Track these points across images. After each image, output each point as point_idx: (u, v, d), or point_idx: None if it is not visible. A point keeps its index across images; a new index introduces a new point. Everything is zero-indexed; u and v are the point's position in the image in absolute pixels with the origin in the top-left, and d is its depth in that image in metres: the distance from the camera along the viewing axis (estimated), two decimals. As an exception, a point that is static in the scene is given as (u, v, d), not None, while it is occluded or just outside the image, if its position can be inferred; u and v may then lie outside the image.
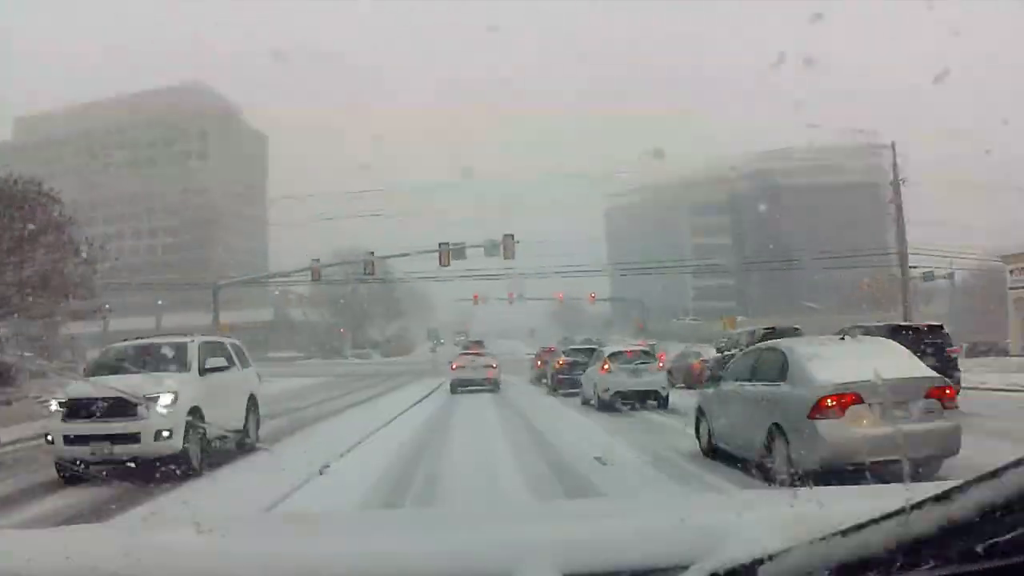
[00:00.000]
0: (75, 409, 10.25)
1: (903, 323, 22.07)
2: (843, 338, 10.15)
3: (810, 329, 24.38)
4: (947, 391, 8.51)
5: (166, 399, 10.33)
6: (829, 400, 8.03)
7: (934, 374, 8.86)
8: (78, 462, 10.02)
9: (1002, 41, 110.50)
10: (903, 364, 8.64)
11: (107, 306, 37.54)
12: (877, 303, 55.31)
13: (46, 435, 10.63)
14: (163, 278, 73.35)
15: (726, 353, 23.81)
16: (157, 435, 10.19)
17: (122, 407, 10.02)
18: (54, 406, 10.56)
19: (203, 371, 11.39)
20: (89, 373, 12.57)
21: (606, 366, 20.62)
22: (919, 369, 8.73)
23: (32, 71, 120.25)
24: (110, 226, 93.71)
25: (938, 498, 1.48)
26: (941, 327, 18.57)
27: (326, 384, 35.97)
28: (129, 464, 9.51)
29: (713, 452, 10.65)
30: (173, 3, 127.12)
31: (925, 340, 15.89)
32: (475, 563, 2.16)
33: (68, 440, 10.22)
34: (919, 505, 1.51)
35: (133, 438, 10.07)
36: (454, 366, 31.15)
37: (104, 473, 9.80)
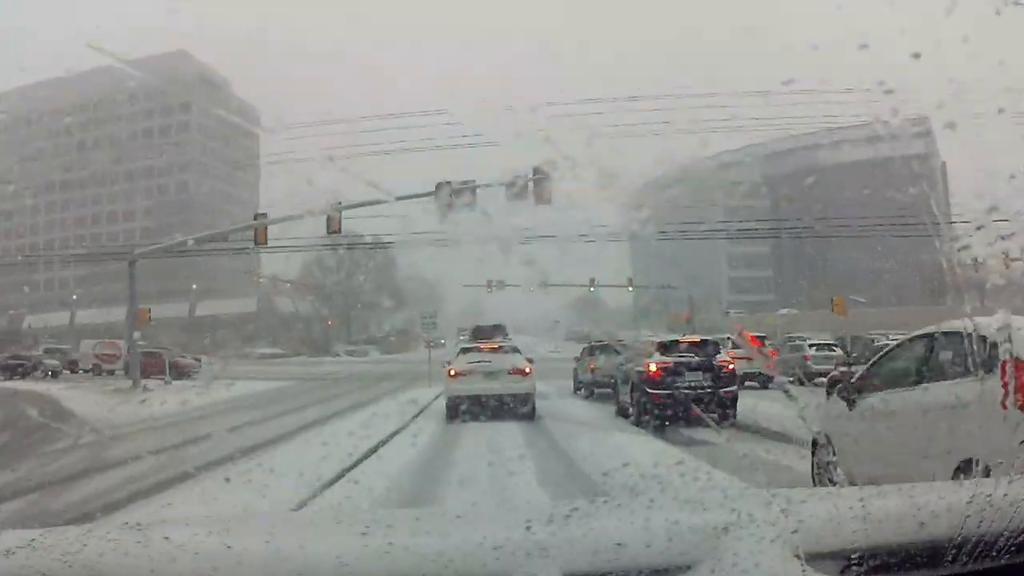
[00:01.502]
0: None
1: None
2: None
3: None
4: None
5: None
6: None
7: None
8: None
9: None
10: None
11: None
12: (934, 295, 49.61)
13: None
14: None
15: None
16: None
17: None
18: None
19: None
20: None
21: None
22: None
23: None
24: (84, 209, 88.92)
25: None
26: None
27: (280, 393, 30.81)
28: None
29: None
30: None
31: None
32: (475, 563, 2.29)
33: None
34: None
35: None
36: (453, 372, 19.66)
37: None
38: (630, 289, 56.00)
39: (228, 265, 60.40)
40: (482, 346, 22.18)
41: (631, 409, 17.19)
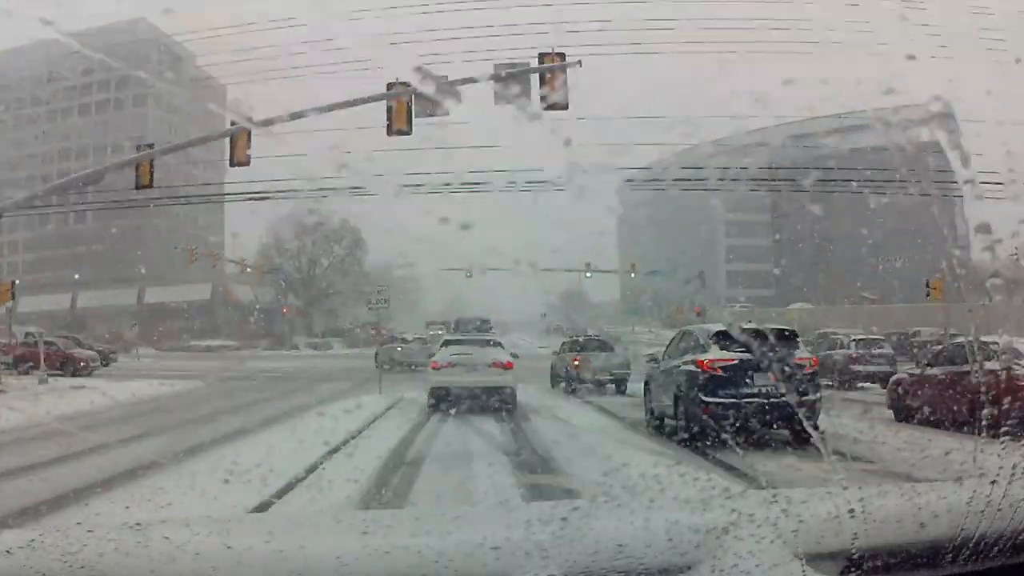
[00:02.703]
0: None
1: None
2: None
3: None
4: None
5: None
6: None
7: None
8: None
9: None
10: None
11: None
12: (953, 293, 46.66)
13: None
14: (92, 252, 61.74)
15: None
16: None
17: None
18: None
19: None
20: None
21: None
22: None
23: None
24: (24, 190, 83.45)
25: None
26: None
27: (171, 400, 25.20)
28: None
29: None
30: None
31: None
32: (475, 563, 2.36)
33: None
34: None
35: None
36: (436, 364, 20.57)
37: None
38: (632, 276, 50.65)
39: (184, 248, 55.12)
40: (465, 339, 23.53)
41: (676, 423, 13.90)
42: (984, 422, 3.44)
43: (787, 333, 14.13)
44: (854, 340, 28.24)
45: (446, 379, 19.91)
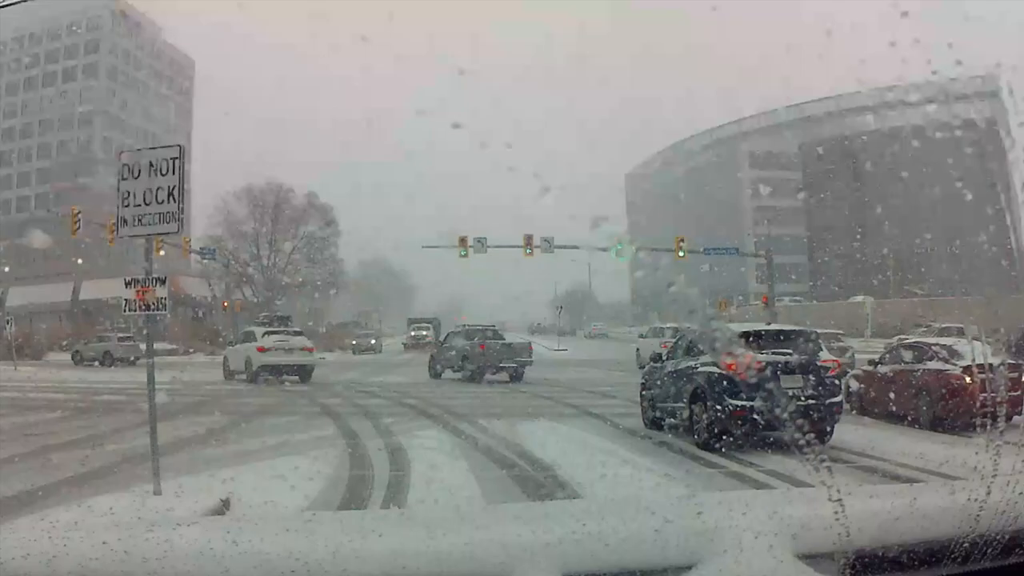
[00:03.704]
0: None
1: None
2: None
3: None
4: None
5: None
6: None
7: None
8: None
9: None
10: None
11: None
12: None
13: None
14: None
15: None
16: None
17: None
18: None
19: None
20: None
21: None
22: None
23: None
24: (7, 167, 76.38)
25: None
26: None
27: None
28: None
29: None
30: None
31: None
32: (475, 563, 2.41)
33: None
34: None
35: None
36: (261, 347, 28.76)
37: None
38: (681, 255, 44.20)
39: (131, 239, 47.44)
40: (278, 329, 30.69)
41: (690, 424, 13.75)
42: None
43: (807, 334, 14.67)
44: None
45: (270, 359, 28.25)
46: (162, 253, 56.43)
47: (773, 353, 13.12)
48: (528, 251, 41.80)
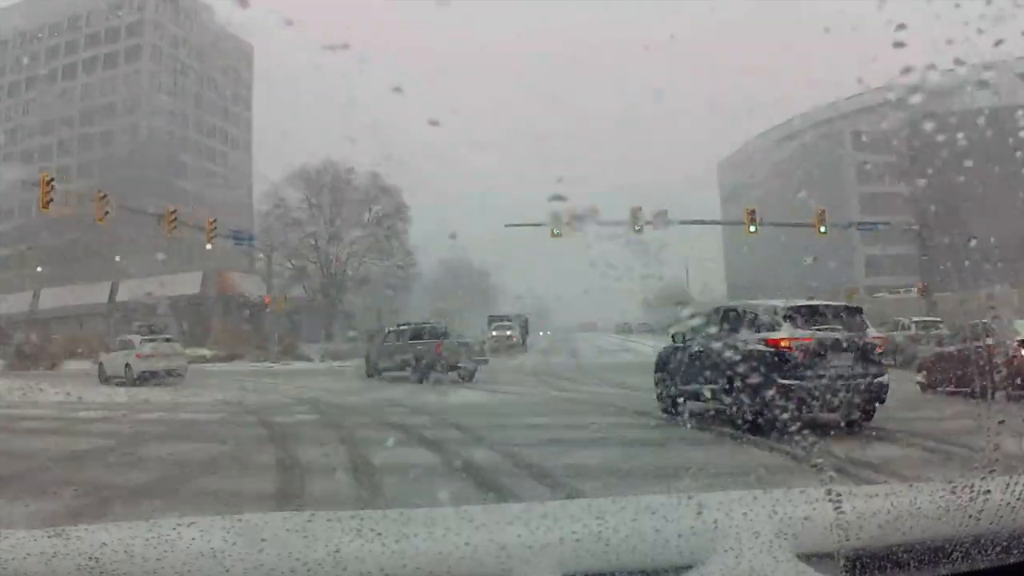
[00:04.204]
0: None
1: None
2: None
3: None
4: None
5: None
6: None
7: None
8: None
9: None
10: None
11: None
12: None
13: None
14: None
15: None
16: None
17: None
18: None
19: None
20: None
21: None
22: None
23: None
24: (47, 161, 72.41)
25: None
26: None
27: None
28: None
29: None
30: None
31: None
32: (475, 563, 2.41)
33: None
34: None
35: None
36: (139, 354, 31.27)
37: None
38: (823, 231, 42.39)
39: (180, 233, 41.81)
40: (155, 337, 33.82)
41: (736, 409, 12.86)
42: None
43: (855, 309, 14.87)
44: None
45: (148, 364, 30.52)
46: (209, 247, 51.29)
47: (822, 330, 13.37)
48: (637, 228, 37.02)
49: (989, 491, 2.58)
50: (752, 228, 42.86)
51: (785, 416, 11.79)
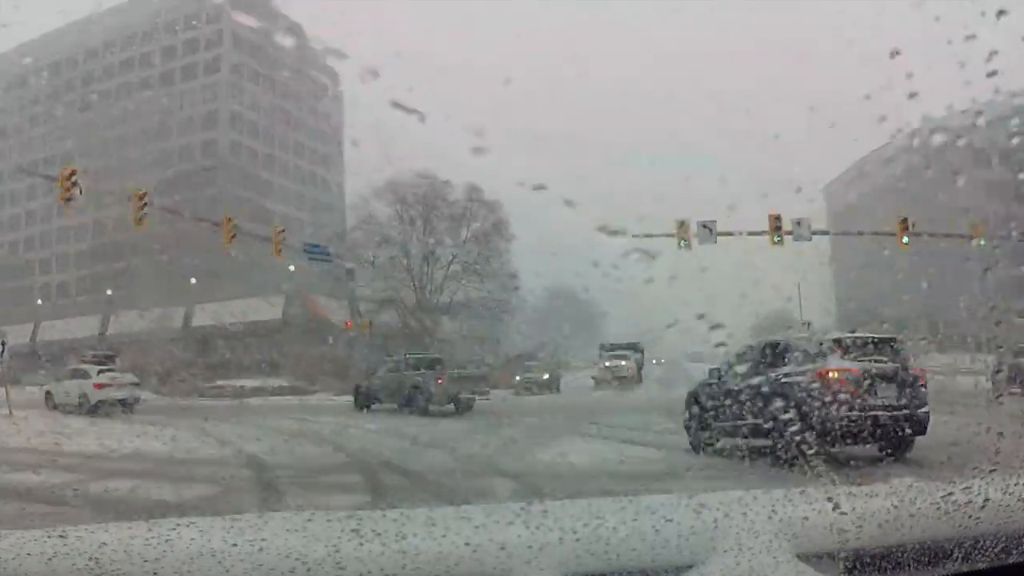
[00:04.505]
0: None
1: None
2: None
3: None
4: None
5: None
6: None
7: None
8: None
9: None
10: None
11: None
12: None
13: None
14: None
15: None
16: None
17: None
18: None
19: None
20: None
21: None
22: None
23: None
24: (114, 178, 70.30)
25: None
26: None
27: None
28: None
29: None
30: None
31: None
32: (475, 563, 2.44)
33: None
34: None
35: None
36: (97, 384, 31.61)
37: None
38: (982, 243, 35.92)
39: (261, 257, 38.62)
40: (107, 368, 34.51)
41: (766, 442, 12.05)
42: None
43: (896, 341, 15.07)
44: None
45: (105, 394, 30.77)
46: (292, 268, 47.67)
47: (869, 362, 13.73)
48: (777, 239, 34.64)
49: (990, 492, 2.68)
50: (905, 239, 38.90)
51: (833, 449, 11.89)
